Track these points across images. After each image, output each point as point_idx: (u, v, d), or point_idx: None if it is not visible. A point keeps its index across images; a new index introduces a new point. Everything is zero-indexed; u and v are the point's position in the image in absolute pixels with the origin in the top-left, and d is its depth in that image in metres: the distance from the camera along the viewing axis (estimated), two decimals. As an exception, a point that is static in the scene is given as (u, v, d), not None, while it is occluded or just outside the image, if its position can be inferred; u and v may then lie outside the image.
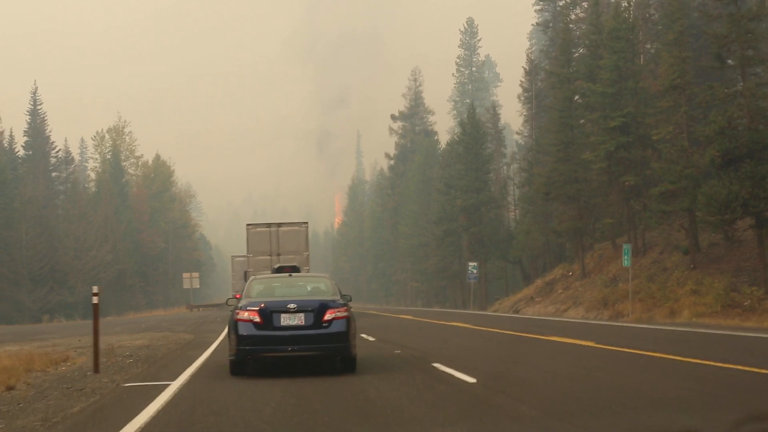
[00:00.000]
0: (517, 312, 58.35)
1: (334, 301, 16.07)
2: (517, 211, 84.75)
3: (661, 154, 46.21)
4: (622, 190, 51.52)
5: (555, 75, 59.55)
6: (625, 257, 42.61)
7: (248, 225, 44.02)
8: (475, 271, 71.78)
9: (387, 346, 23.17)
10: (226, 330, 31.20)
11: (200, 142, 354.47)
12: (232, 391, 13.89)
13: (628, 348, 20.49)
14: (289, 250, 41.61)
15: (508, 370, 16.02)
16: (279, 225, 43.36)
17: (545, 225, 64.31)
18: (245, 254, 45.23)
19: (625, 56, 51.79)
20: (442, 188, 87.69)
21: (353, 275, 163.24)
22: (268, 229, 42.85)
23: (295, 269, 18.84)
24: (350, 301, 16.85)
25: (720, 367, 15.82)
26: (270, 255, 41.44)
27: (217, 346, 25.04)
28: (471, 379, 14.13)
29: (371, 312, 61.94)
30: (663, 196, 44.47)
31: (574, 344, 22.23)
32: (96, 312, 16.93)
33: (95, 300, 16.68)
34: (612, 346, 21.28)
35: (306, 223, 44.38)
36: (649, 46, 60.70)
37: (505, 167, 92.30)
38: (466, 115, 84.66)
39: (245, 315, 15.65)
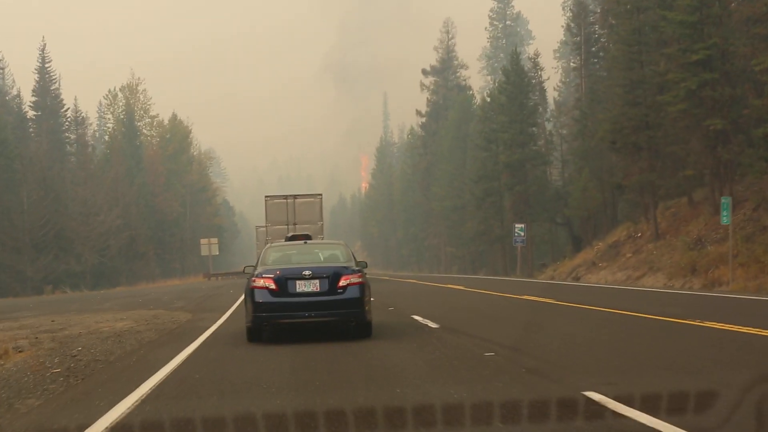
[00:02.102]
0: (577, 279, 50.74)
1: (348, 267, 16.01)
2: (564, 168, 76.67)
3: (763, 90, 38.21)
4: (705, 136, 43.50)
5: (622, 4, 51.04)
6: (724, 213, 34.87)
7: (266, 197, 45.88)
8: (522, 234, 64.22)
9: (462, 341, 15.50)
10: (235, 305, 25.05)
11: (223, 107, 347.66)
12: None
13: None
14: (304, 220, 43.06)
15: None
16: (295, 197, 44.90)
17: (606, 180, 56.24)
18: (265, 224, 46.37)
19: (708, -22, 43.71)
20: (481, 144, 79.75)
21: (383, 241, 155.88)
22: (285, 200, 44.54)
23: (307, 237, 19.14)
24: (365, 267, 16.76)
25: None
26: (287, 224, 42.53)
27: (209, 336, 17.68)
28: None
29: (410, 280, 54.32)
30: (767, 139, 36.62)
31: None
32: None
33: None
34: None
35: (320, 195, 46.39)
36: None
37: (549, 121, 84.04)
38: (509, 62, 76.46)
39: (261, 282, 15.63)
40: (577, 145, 66.31)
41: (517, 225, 64.89)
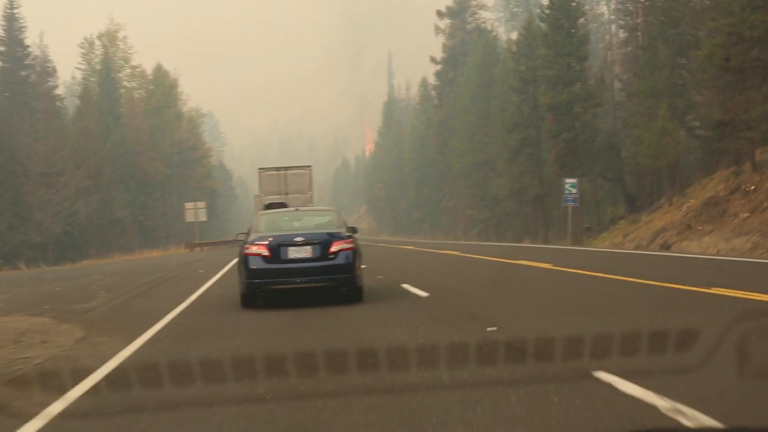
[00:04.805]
0: (667, 248, 38.18)
1: (339, 233, 16.06)
2: (617, 111, 63.88)
3: None
4: None
5: None
6: None
7: (260, 169, 48.04)
8: (574, 191, 51.78)
9: None
10: (178, 309, 12.93)
11: (221, 66, 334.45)
12: None
13: None
14: (295, 190, 44.92)
15: None
16: (287, 169, 46.93)
17: (703, 116, 43.21)
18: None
19: None
20: (516, 85, 66.86)
21: (391, 204, 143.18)
22: (277, 172, 46.47)
23: (283, 205, 22.09)
24: (356, 233, 16.73)
25: None
26: (279, 194, 43.78)
27: None
28: None
29: (446, 252, 41.08)
30: None
31: None
32: None
33: None
34: None
35: (310, 166, 48.26)
36: None
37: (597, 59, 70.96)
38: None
39: (254, 249, 15.59)
40: (641, 81, 53.41)
41: (567, 180, 52.40)
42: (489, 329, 10.92)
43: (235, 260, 34.54)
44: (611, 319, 11.72)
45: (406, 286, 18.68)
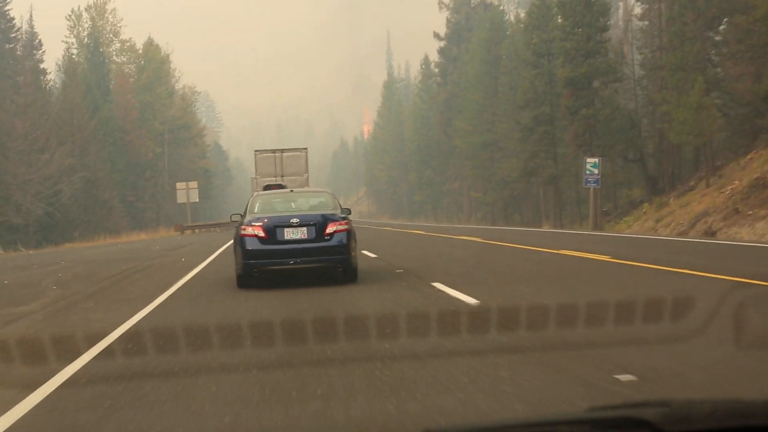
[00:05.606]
0: (712, 234, 33.95)
1: (334, 215, 16.14)
2: (637, 86, 59.60)
3: None
4: None
5: None
6: None
7: (256, 151, 47.59)
8: (596, 171, 47.69)
9: None
10: (139, 315, 8.15)
11: (218, 48, 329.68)
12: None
13: None
14: (291, 172, 44.51)
15: None
16: (282, 151, 46.52)
17: (749, 89, 38.76)
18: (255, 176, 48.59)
19: None
20: (530, 59, 62.37)
21: (391, 186, 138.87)
22: (273, 154, 46.12)
23: (281, 187, 21.53)
24: (350, 214, 16.81)
25: None
26: (275, 176, 43.75)
27: None
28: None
29: (464, 237, 36.30)
30: None
31: None
32: None
33: None
34: None
35: (305, 149, 47.57)
36: None
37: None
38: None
39: (250, 230, 15.63)
40: (668, 54, 49.02)
41: (588, 160, 48.26)
42: (621, 377, 6.61)
43: (226, 246, 31.31)
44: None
45: (439, 285, 14.39)
